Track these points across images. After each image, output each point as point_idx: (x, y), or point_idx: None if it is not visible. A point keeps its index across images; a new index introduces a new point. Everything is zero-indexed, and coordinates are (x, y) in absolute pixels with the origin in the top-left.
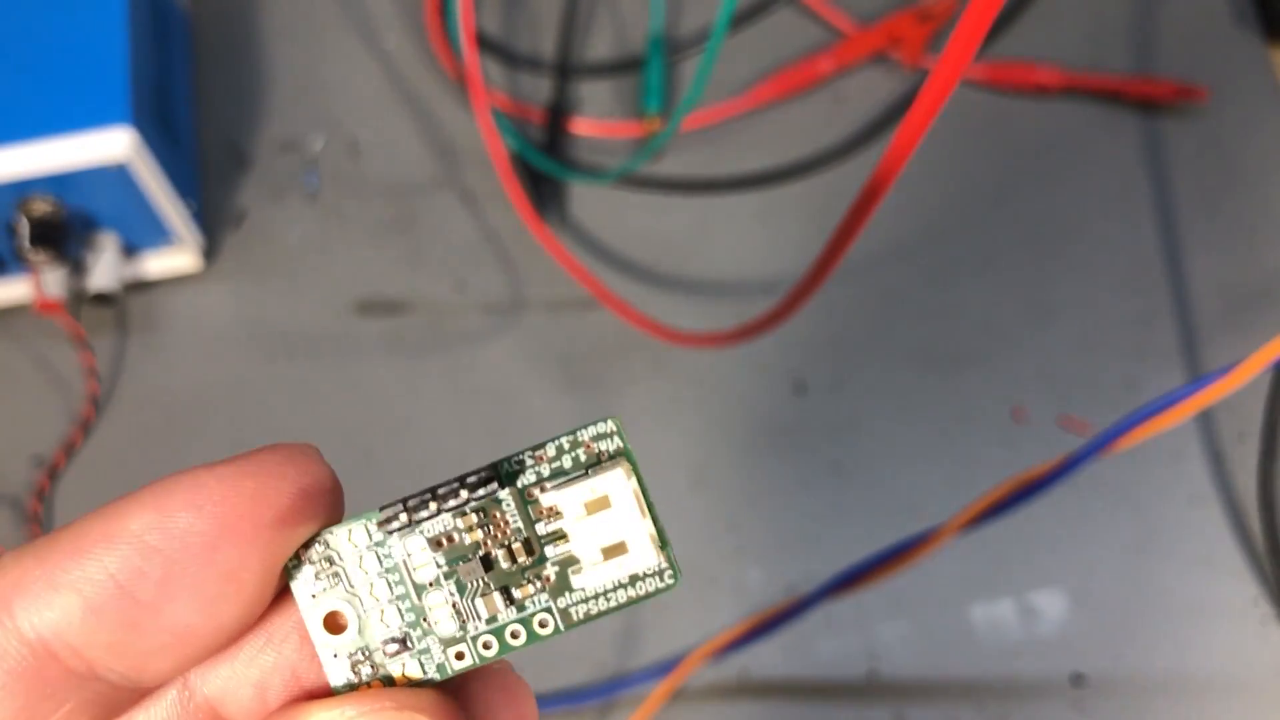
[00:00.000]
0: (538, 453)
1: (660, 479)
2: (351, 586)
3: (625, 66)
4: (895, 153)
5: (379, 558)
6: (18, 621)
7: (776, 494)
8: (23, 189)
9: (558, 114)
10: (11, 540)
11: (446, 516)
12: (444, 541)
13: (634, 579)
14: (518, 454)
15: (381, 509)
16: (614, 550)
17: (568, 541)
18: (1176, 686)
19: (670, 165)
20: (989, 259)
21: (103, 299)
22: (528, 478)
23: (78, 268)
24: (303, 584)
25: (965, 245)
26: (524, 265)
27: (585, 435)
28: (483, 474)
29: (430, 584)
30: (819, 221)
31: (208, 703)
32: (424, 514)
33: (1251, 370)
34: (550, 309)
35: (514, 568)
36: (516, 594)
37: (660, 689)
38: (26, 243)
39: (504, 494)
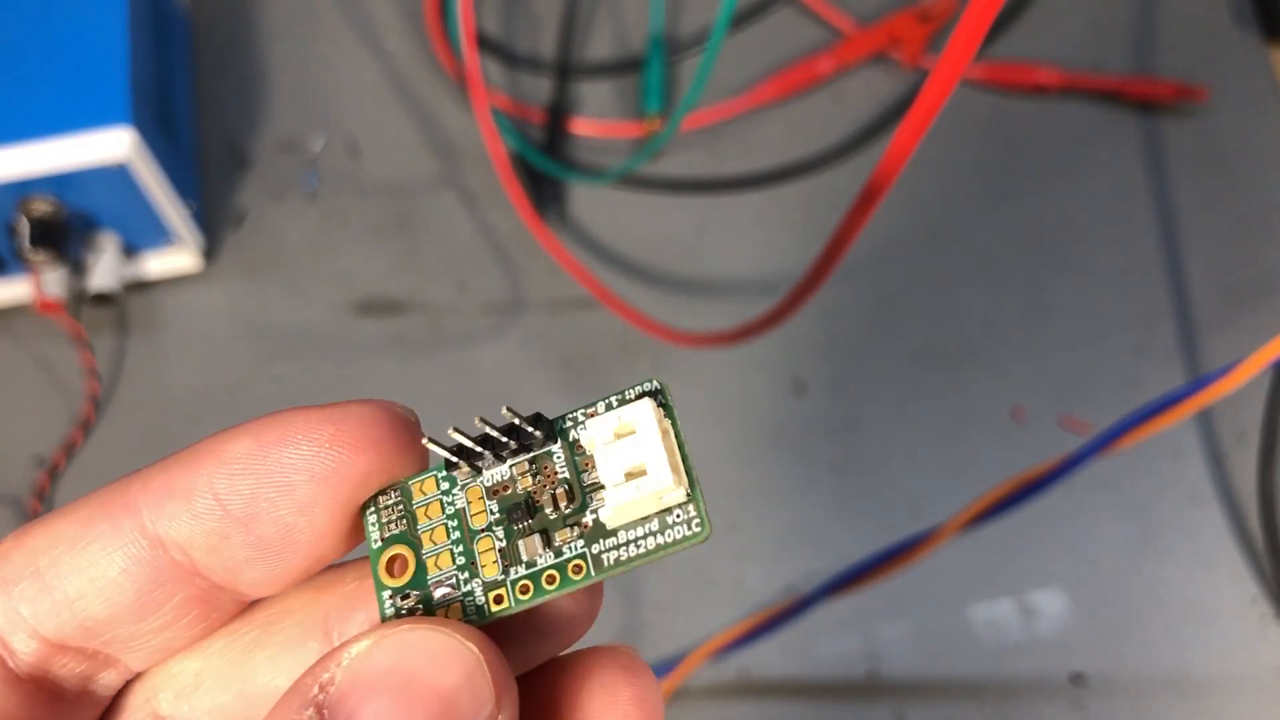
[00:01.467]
0: (588, 410)
1: None
2: (415, 532)
3: (625, 66)
4: (895, 153)
5: (442, 505)
6: (142, 518)
7: (776, 494)
8: (23, 189)
9: (558, 114)
10: None
11: (505, 467)
12: (500, 490)
13: (664, 525)
14: (568, 413)
15: (446, 463)
16: (635, 472)
17: (600, 482)
18: (1176, 686)
19: (670, 165)
20: (989, 259)
21: (103, 299)
22: (576, 432)
23: (78, 268)
24: (373, 528)
25: (965, 245)
26: (524, 265)
27: (631, 392)
28: (542, 429)
29: (482, 530)
30: (819, 221)
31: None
32: (488, 466)
33: (1251, 370)
34: (550, 309)
35: (556, 514)
36: (555, 539)
37: (660, 688)
38: (27, 243)
39: (555, 447)
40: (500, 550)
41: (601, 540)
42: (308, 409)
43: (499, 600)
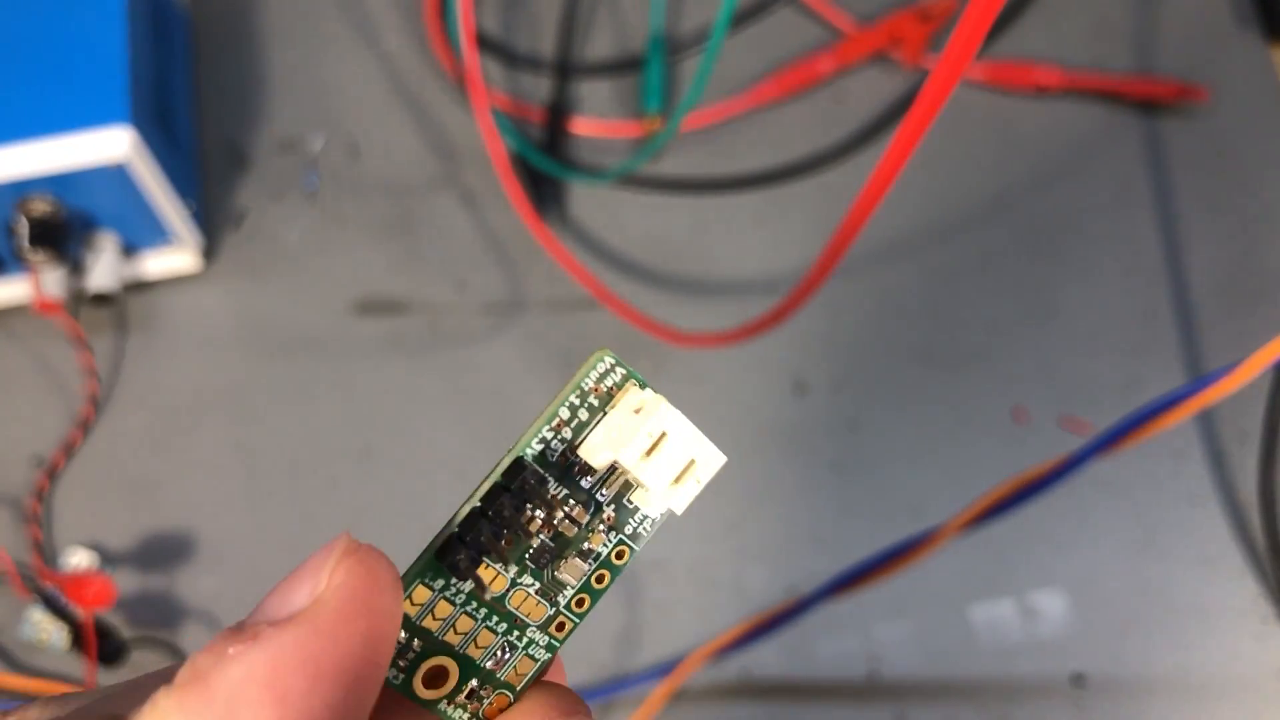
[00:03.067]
0: (553, 423)
1: None
2: (437, 640)
3: (625, 66)
4: (895, 153)
5: (449, 600)
6: None
7: (776, 494)
8: (22, 189)
9: (558, 114)
10: (11, 541)
11: (494, 527)
12: (504, 545)
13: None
14: (535, 436)
15: (436, 556)
16: (686, 471)
17: (621, 471)
18: (1176, 686)
19: (670, 165)
20: (989, 259)
21: (102, 299)
22: (555, 447)
23: (77, 268)
24: (393, 673)
25: (965, 245)
26: (524, 265)
27: (589, 382)
28: (512, 476)
29: (507, 590)
30: (819, 221)
31: None
32: (475, 538)
33: (1252, 370)
34: (550, 309)
35: (579, 532)
36: (591, 545)
37: (661, 689)
38: (26, 243)
39: (542, 474)
40: (538, 591)
41: (631, 520)
42: (277, 632)
43: (561, 627)
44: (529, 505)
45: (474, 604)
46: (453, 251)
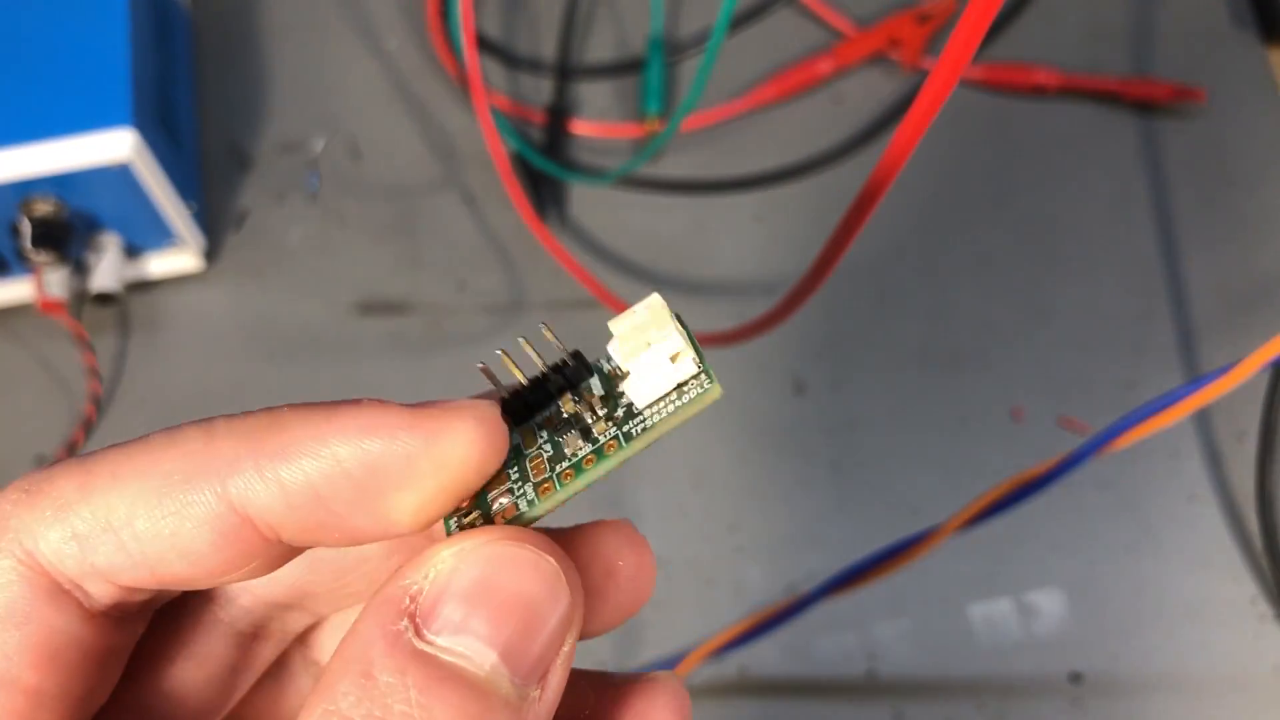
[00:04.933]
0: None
1: (661, 479)
2: (483, 491)
3: (625, 68)
4: (895, 153)
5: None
6: (231, 494)
7: (776, 494)
8: (25, 189)
9: (558, 115)
10: None
11: (552, 406)
12: (548, 422)
13: (680, 392)
14: (602, 354)
15: (504, 415)
16: (660, 363)
17: (626, 373)
18: (1174, 685)
19: (670, 166)
20: (988, 259)
21: (105, 299)
22: (606, 358)
23: (80, 268)
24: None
25: (965, 245)
26: (524, 265)
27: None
28: (575, 363)
29: (533, 450)
30: (819, 221)
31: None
32: (536, 411)
33: (1249, 370)
34: (550, 309)
35: (594, 417)
36: (594, 432)
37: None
38: (29, 243)
39: (593, 379)
40: (548, 457)
41: (630, 421)
42: (408, 413)
43: (546, 489)
44: (575, 395)
45: (511, 455)
46: (453, 252)
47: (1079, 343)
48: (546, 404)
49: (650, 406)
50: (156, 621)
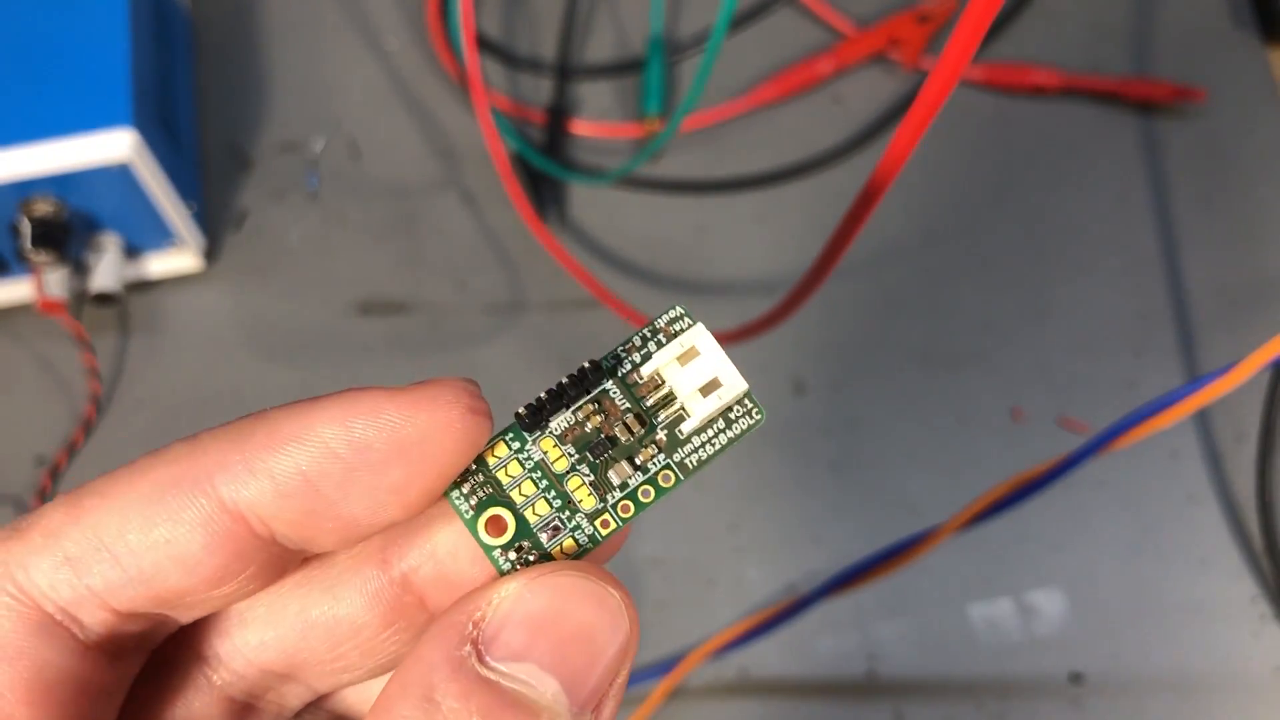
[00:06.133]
0: (627, 345)
1: None
2: (504, 493)
3: (625, 67)
4: (895, 153)
5: (520, 462)
6: (220, 493)
7: (776, 493)
8: (25, 190)
9: (558, 115)
10: None
11: (568, 414)
12: (570, 433)
13: (728, 421)
14: (611, 352)
15: (516, 420)
16: (710, 386)
17: (674, 399)
18: (1174, 685)
19: (670, 165)
20: (988, 259)
21: (104, 299)
22: (625, 366)
23: (80, 268)
24: (461, 501)
25: (965, 245)
26: (524, 265)
27: (661, 323)
28: (589, 373)
29: (567, 472)
30: (819, 221)
31: (404, 576)
32: (551, 416)
33: (1249, 370)
34: (550, 309)
35: (632, 440)
36: (639, 459)
37: (660, 687)
38: (29, 243)
39: (609, 384)
40: (591, 483)
41: (680, 449)
42: (389, 391)
43: (605, 524)
44: (595, 404)
45: (539, 473)
46: (453, 252)
47: (1079, 343)
48: (560, 409)
49: (699, 434)
50: (149, 678)
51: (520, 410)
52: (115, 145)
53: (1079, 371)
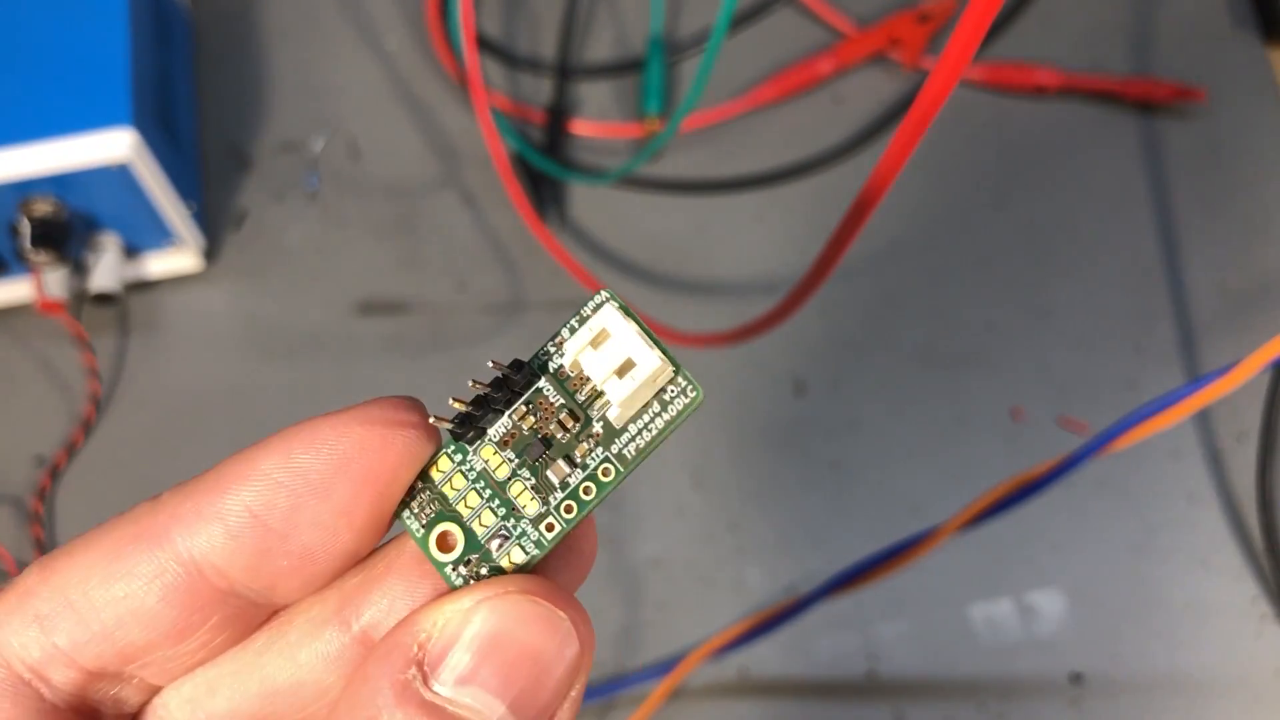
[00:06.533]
0: (556, 340)
1: (661, 479)
2: (450, 506)
3: (625, 67)
4: (895, 153)
5: (464, 474)
6: (176, 545)
7: (776, 494)
8: (24, 189)
9: (558, 115)
10: (13, 540)
11: (505, 418)
12: (509, 438)
13: (663, 404)
14: (540, 350)
15: (452, 434)
16: (624, 368)
17: (597, 390)
18: (1175, 685)
19: (670, 165)
20: (989, 259)
21: (104, 299)
22: (554, 361)
23: (79, 268)
24: (412, 520)
25: (965, 245)
26: (524, 265)
27: (585, 310)
28: (520, 374)
29: (509, 478)
30: (819, 221)
31: (364, 632)
32: (488, 424)
33: (1250, 370)
34: (550, 309)
35: (568, 436)
36: (577, 456)
37: (660, 688)
38: (28, 243)
39: (543, 382)
40: (533, 487)
41: (616, 440)
42: (327, 415)
43: (550, 528)
44: (527, 404)
45: (482, 483)
46: (453, 252)
47: (1079, 343)
48: (493, 415)
49: (633, 421)
50: None
51: (448, 421)
52: (115, 145)
53: (1079, 371)
